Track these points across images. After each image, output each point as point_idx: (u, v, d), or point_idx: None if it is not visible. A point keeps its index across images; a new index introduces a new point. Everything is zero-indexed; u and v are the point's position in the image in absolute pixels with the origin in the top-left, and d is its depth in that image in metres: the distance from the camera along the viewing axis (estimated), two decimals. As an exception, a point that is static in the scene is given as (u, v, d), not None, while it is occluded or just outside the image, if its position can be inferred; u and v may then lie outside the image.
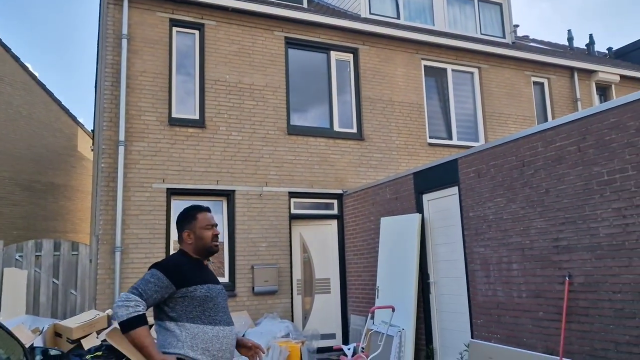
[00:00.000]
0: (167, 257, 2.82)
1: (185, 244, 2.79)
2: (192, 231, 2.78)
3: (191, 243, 2.78)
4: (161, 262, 2.68)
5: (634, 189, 4.43)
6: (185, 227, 2.81)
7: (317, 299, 9.32)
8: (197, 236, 2.77)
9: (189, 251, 2.79)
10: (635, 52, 15.76)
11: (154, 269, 2.59)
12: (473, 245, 6.30)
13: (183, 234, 2.80)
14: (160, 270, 2.57)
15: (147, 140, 8.43)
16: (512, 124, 11.55)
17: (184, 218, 2.83)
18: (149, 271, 2.60)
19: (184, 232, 2.80)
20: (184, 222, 2.82)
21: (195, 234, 2.78)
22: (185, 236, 2.79)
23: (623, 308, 4.48)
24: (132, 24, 8.62)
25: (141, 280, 2.55)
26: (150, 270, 2.60)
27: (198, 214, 2.81)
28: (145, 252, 8.08)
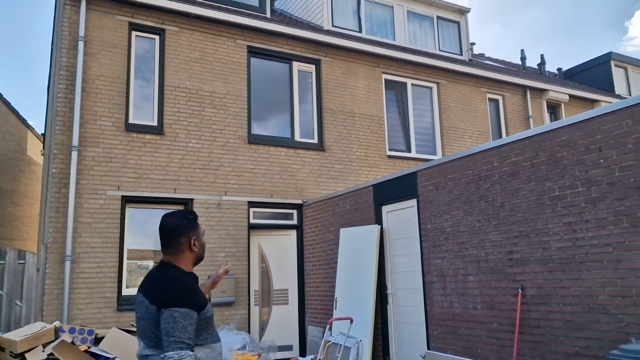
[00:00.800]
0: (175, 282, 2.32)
1: (187, 253, 2.45)
2: (198, 238, 2.49)
3: (196, 251, 2.48)
4: (182, 295, 2.26)
5: (583, 205, 4.62)
6: (190, 233, 2.46)
7: (274, 310, 9.24)
8: (200, 243, 2.50)
9: (187, 263, 2.46)
10: (583, 73, 16.55)
11: (183, 308, 2.20)
12: (430, 257, 6.40)
13: (191, 241, 2.45)
14: (189, 308, 2.23)
15: (102, 145, 8.18)
16: (469, 139, 11.86)
17: (188, 223, 2.48)
18: (176, 310, 2.19)
19: (192, 238, 2.46)
20: (190, 228, 2.46)
21: (199, 241, 2.49)
22: (193, 243, 2.46)
23: (572, 320, 4.65)
24: (89, 27, 8.39)
25: (179, 327, 2.17)
26: (177, 309, 2.20)
27: (197, 220, 2.54)
28: (97, 261, 7.81)
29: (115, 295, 7.85)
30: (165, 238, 2.44)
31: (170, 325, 2.16)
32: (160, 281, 2.34)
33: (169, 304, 2.20)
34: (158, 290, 2.29)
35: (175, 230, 2.44)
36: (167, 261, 2.44)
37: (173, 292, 2.25)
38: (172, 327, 2.16)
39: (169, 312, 2.18)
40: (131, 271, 8.25)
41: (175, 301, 2.21)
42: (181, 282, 2.34)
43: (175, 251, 2.44)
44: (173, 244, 2.43)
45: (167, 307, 2.19)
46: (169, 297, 2.23)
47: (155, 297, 2.26)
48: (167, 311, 2.18)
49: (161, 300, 2.23)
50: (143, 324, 2.30)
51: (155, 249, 8.51)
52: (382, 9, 12.08)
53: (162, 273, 2.39)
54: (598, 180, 4.50)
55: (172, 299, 2.22)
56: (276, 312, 9.24)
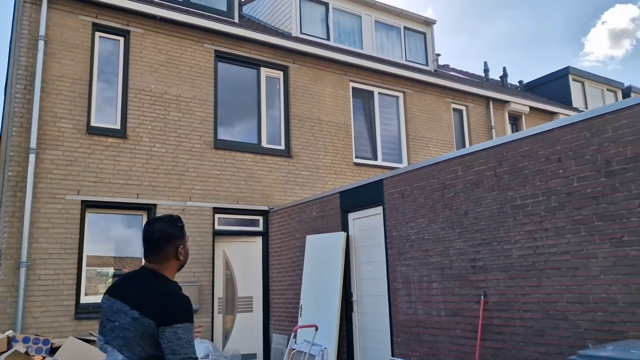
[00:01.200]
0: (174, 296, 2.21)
1: (173, 262, 2.34)
2: (184, 245, 2.37)
3: (182, 260, 2.37)
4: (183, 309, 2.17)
5: (543, 214, 4.74)
6: (179, 239, 2.35)
7: (238, 318, 9.12)
8: (186, 251, 2.39)
9: (171, 271, 2.34)
10: (542, 86, 17.10)
11: (185, 323, 2.13)
12: (396, 264, 6.44)
13: (179, 249, 2.34)
14: (189, 322, 2.17)
15: (62, 148, 7.93)
16: (433, 148, 12.06)
17: (177, 229, 2.36)
18: (179, 326, 2.11)
19: (180, 246, 2.35)
20: (178, 234, 2.36)
21: (185, 249, 2.38)
22: (180, 251, 2.35)
23: (532, 326, 4.75)
24: (50, 26, 8.14)
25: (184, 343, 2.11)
26: (180, 325, 2.12)
27: (184, 227, 2.41)
28: (55, 268, 7.54)
29: (73, 303, 7.59)
30: (151, 245, 2.33)
31: (175, 343, 2.09)
32: (157, 295, 2.21)
33: (172, 320, 2.11)
34: (158, 305, 2.16)
35: (163, 238, 2.33)
36: (153, 269, 2.32)
37: (175, 308, 2.16)
38: (177, 344, 2.09)
39: (173, 330, 2.10)
40: (90, 278, 8.00)
41: (179, 318, 2.13)
42: (181, 296, 2.23)
43: (161, 259, 2.33)
44: (159, 252, 2.32)
45: (170, 324, 2.10)
46: (172, 313, 2.13)
47: (154, 312, 2.14)
48: (170, 329, 2.10)
49: (163, 317, 2.12)
50: (129, 336, 2.16)
51: (115, 256, 8.29)
52: (350, 18, 12.19)
53: (156, 285, 2.26)
54: (557, 190, 4.63)
55: (175, 315, 2.13)
56: (240, 320, 9.12)
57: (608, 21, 43.62)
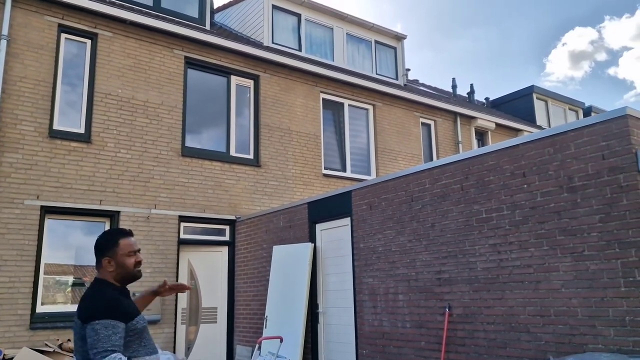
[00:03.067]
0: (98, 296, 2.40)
1: (105, 271, 2.53)
2: (113, 258, 2.53)
3: (112, 271, 2.53)
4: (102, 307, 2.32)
5: (507, 227, 4.83)
6: (105, 253, 2.54)
7: (202, 329, 8.94)
8: (118, 264, 2.53)
9: (110, 280, 2.52)
10: (507, 104, 17.55)
11: (103, 319, 2.26)
12: (362, 276, 6.44)
13: (103, 261, 2.53)
14: (111, 319, 2.29)
15: (22, 151, 7.67)
16: (402, 160, 12.19)
17: (104, 243, 2.56)
18: (97, 323, 2.25)
19: (104, 259, 2.53)
20: (104, 248, 2.55)
21: (116, 261, 2.53)
22: (106, 263, 2.52)
23: (496, 338, 4.81)
24: (14, 25, 7.90)
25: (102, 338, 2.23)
26: (98, 322, 2.26)
27: (120, 240, 2.57)
28: (10, 275, 7.24)
29: (29, 313, 7.29)
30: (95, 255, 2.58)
31: (93, 339, 2.24)
32: (86, 297, 2.45)
33: (90, 318, 2.28)
34: (83, 306, 2.39)
35: (96, 248, 2.57)
36: (96, 277, 2.56)
37: (94, 306, 2.34)
38: (95, 339, 2.23)
39: (91, 326, 2.26)
40: (48, 287, 7.72)
41: (96, 314, 2.28)
42: (103, 296, 2.40)
43: (98, 268, 2.56)
44: (97, 261, 2.57)
45: (88, 321, 2.28)
46: (90, 311, 2.31)
47: (81, 313, 2.35)
48: (89, 326, 2.26)
49: (85, 316, 2.31)
50: (75, 339, 2.39)
51: (75, 264, 8.02)
52: (322, 30, 12.27)
53: (90, 289, 2.51)
54: (522, 204, 4.73)
55: (93, 312, 2.30)
56: (204, 331, 8.94)
57: (568, 43, 45.27)
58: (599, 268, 4.12)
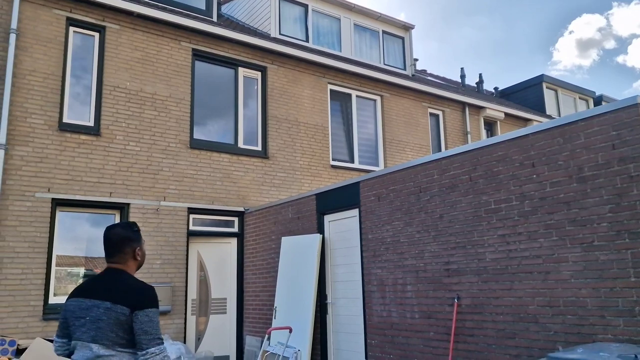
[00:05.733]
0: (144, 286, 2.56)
1: (132, 261, 2.68)
2: (140, 247, 2.72)
3: (139, 260, 2.72)
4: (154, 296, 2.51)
5: (516, 218, 4.81)
6: (135, 242, 2.70)
7: (212, 320, 9.02)
8: (143, 252, 2.74)
9: (131, 270, 2.67)
10: (517, 93, 17.41)
11: (154, 308, 2.47)
12: (371, 267, 6.46)
13: (136, 250, 2.69)
14: (157, 308, 2.51)
15: (33, 145, 7.73)
16: (410, 151, 12.15)
17: (134, 233, 2.71)
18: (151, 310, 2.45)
19: (137, 248, 2.70)
20: (135, 238, 2.70)
21: (142, 250, 2.73)
22: (137, 252, 2.70)
23: (504, 329, 4.81)
24: (23, 19, 7.94)
25: (155, 325, 2.45)
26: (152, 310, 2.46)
27: (139, 231, 2.77)
28: (23, 267, 7.34)
29: (41, 304, 7.40)
30: (112, 247, 2.65)
31: (148, 325, 2.42)
32: (128, 286, 2.54)
33: (145, 305, 2.45)
34: (130, 294, 2.48)
35: (121, 241, 2.66)
36: (117, 268, 2.64)
37: (147, 295, 2.50)
38: (149, 325, 2.42)
39: (145, 313, 2.43)
40: (60, 278, 7.81)
41: (150, 302, 2.47)
42: (149, 286, 2.56)
43: (121, 260, 2.65)
44: (119, 252, 2.65)
45: (142, 308, 2.43)
46: (144, 299, 2.47)
47: (128, 299, 2.45)
48: (142, 312, 2.43)
49: (136, 303, 2.44)
50: (102, 325, 2.43)
51: (87, 256, 8.11)
52: (330, 21, 12.21)
53: (124, 279, 2.58)
54: (531, 194, 4.71)
55: (147, 300, 2.47)
56: (214, 322, 9.02)
57: (575, 31, 44.71)
58: (609, 258, 4.10)
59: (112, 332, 2.42)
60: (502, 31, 45.79)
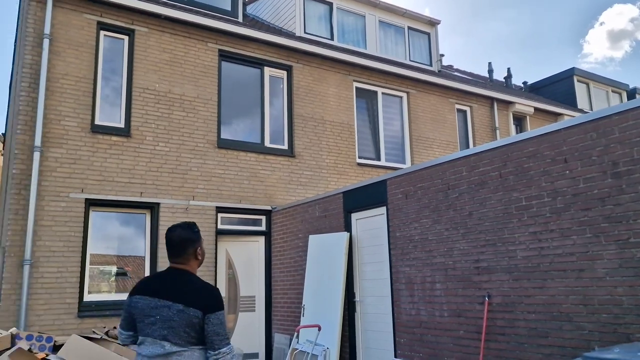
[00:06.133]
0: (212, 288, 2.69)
1: (194, 261, 2.78)
2: (201, 247, 2.81)
3: (200, 259, 2.80)
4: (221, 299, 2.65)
5: (548, 215, 4.72)
6: (196, 243, 2.78)
7: (241, 317, 9.11)
8: (203, 252, 2.84)
9: (194, 269, 2.77)
10: (547, 87, 17.05)
11: (223, 309, 2.62)
12: (399, 265, 6.43)
13: (197, 250, 2.78)
14: (224, 308, 2.64)
15: (66, 146, 7.94)
16: (437, 148, 12.03)
17: (194, 233, 2.79)
18: (221, 313, 2.60)
19: (198, 248, 2.78)
20: (197, 238, 2.79)
21: (202, 249, 2.82)
22: (197, 253, 2.78)
23: (537, 327, 4.73)
24: (55, 24, 8.15)
25: (224, 327, 2.60)
26: (221, 312, 2.62)
27: (199, 232, 2.84)
28: (58, 266, 7.55)
29: (76, 301, 7.60)
30: (175, 248, 2.74)
31: (219, 327, 2.57)
32: (198, 289, 2.65)
33: (216, 308, 2.59)
34: (202, 297, 2.60)
35: (184, 241, 2.74)
36: (181, 269, 2.74)
37: (217, 299, 2.63)
38: (220, 328, 2.57)
39: (217, 316, 2.58)
40: (93, 276, 8.01)
41: (220, 306, 2.61)
42: (216, 289, 2.70)
43: (185, 260, 2.74)
44: (183, 253, 2.74)
45: (214, 311, 2.58)
46: (215, 303, 2.60)
47: (201, 303, 2.58)
48: (214, 315, 2.57)
49: (210, 307, 2.58)
50: (174, 325, 2.56)
51: (118, 254, 8.29)
52: (354, 18, 12.18)
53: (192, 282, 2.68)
54: (563, 191, 4.61)
55: (217, 304, 2.60)
56: (242, 319, 9.11)
57: (606, 22, 43.45)
58: (646, 256, 3.99)
59: (184, 332, 2.55)
60: (531, 24, 44.87)
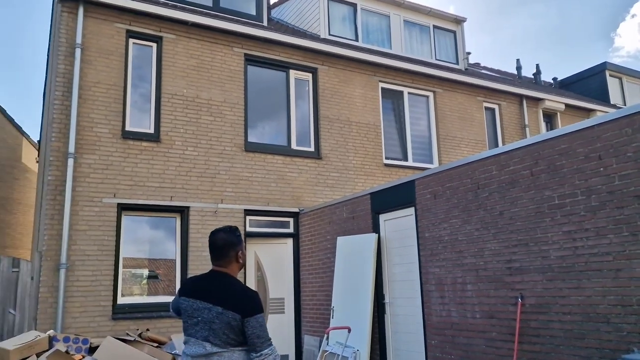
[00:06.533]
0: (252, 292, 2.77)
1: (235, 264, 2.84)
2: (242, 250, 2.89)
3: (241, 262, 2.87)
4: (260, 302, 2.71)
5: (583, 213, 4.61)
6: (238, 246, 2.85)
7: (271, 319, 9.16)
8: (244, 255, 2.91)
9: (235, 272, 2.84)
10: (578, 83, 16.66)
11: (262, 313, 2.67)
12: (428, 266, 6.37)
13: (239, 253, 2.85)
14: (263, 312, 2.69)
15: (99, 153, 8.13)
16: (465, 147, 11.88)
17: (236, 237, 2.87)
18: (260, 316, 2.66)
19: (239, 251, 2.86)
20: (238, 242, 2.87)
21: (243, 253, 2.90)
22: (241, 255, 2.86)
23: (572, 329, 4.62)
24: (86, 34, 8.36)
25: (264, 329, 2.66)
26: (261, 315, 2.67)
27: (240, 235, 2.92)
28: (93, 269, 7.73)
29: (111, 304, 7.76)
30: (217, 252, 2.83)
31: (259, 330, 2.63)
32: (237, 293, 2.72)
33: (255, 312, 2.64)
34: (241, 301, 2.67)
35: (226, 245, 2.82)
36: (222, 272, 2.82)
37: (255, 302, 2.69)
38: (260, 330, 2.63)
39: (256, 319, 2.63)
40: (126, 280, 8.17)
41: (259, 309, 2.67)
42: (255, 292, 2.76)
43: (226, 263, 2.82)
44: (224, 257, 2.82)
45: (253, 315, 2.63)
46: (253, 307, 2.66)
47: (239, 306, 2.64)
48: (253, 319, 2.63)
49: (248, 310, 2.64)
50: (215, 327, 2.65)
51: (149, 257, 8.44)
52: (379, 18, 12.13)
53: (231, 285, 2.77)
54: (598, 188, 4.50)
55: (256, 308, 2.66)
56: (272, 321, 9.16)
57: (638, 14, 42.11)
58: (687, 254, 3.85)
59: (223, 334, 2.64)
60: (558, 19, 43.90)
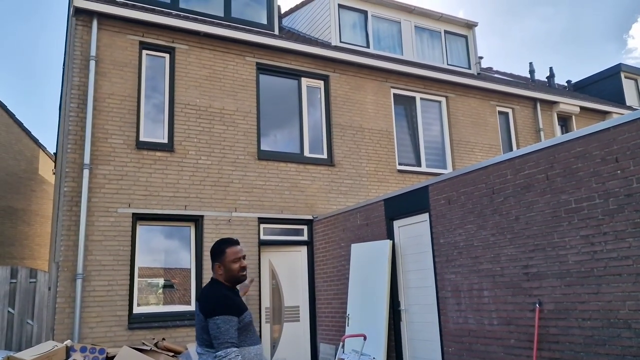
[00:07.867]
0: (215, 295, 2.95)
1: (217, 274, 3.09)
2: (222, 264, 3.07)
3: (221, 274, 3.07)
4: (221, 304, 2.85)
5: (600, 217, 4.53)
6: (216, 260, 3.09)
7: (286, 327, 9.14)
8: (225, 268, 3.06)
9: (223, 279, 3.07)
10: (592, 85, 16.48)
11: (222, 315, 2.79)
12: (444, 272, 6.30)
13: (215, 266, 3.10)
14: (228, 314, 2.81)
15: (114, 163, 8.21)
16: (479, 152, 11.79)
17: (214, 252, 3.11)
18: (217, 318, 2.79)
19: (215, 264, 3.09)
20: (215, 256, 3.10)
21: (224, 266, 3.06)
22: (217, 268, 3.09)
23: (593, 335, 4.53)
24: (100, 46, 8.48)
25: (222, 331, 2.76)
26: (218, 317, 2.79)
27: (227, 248, 3.09)
28: (109, 279, 7.78)
29: (127, 314, 7.80)
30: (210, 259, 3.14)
31: (215, 331, 2.78)
32: (206, 295, 2.98)
33: (212, 313, 2.82)
34: (205, 302, 2.91)
35: (210, 255, 3.14)
36: (212, 277, 3.12)
37: (214, 304, 2.86)
38: (217, 332, 2.77)
39: (213, 321, 2.79)
40: (142, 289, 8.21)
41: (216, 311, 2.82)
42: (219, 294, 2.93)
43: (214, 270, 3.11)
44: (212, 265, 3.13)
45: (212, 316, 2.81)
46: (211, 308, 2.84)
47: (203, 308, 2.89)
48: (211, 320, 2.80)
49: (207, 311, 2.85)
50: (197, 329, 2.95)
51: (164, 267, 8.48)
52: (390, 25, 12.14)
53: (209, 288, 3.05)
54: (615, 191, 4.42)
55: (213, 309, 2.83)
56: (287, 329, 9.14)
57: (655, 15, 41.56)
58: None
59: (200, 336, 2.89)
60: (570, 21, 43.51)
